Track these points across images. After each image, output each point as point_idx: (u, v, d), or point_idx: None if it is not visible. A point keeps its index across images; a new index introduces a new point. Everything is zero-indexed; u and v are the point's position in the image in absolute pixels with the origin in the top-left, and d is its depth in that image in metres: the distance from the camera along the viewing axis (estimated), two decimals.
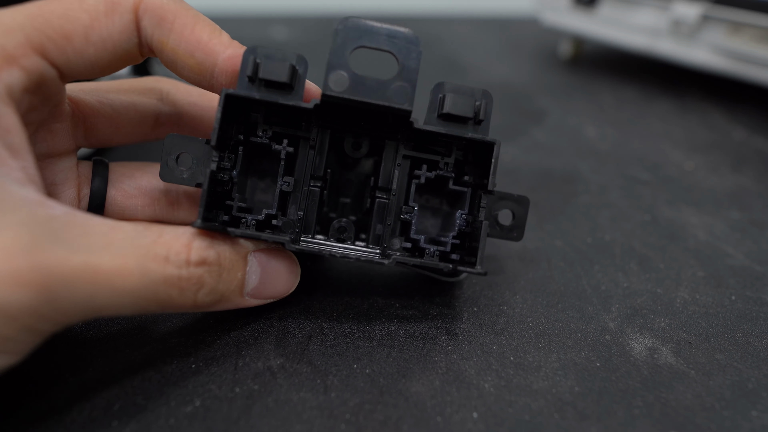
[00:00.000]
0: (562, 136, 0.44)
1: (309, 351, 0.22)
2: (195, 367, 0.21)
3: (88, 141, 0.23)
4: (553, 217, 0.33)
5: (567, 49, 0.63)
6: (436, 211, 0.25)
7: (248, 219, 0.21)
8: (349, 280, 0.26)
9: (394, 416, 0.19)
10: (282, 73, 0.20)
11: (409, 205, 0.23)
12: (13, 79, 0.17)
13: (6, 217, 0.15)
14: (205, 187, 0.19)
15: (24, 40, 0.18)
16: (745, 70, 0.46)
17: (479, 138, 0.21)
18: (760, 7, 0.44)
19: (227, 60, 0.20)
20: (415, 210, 0.23)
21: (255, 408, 0.19)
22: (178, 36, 0.20)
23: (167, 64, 0.21)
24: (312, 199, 0.23)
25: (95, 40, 0.19)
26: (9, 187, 0.16)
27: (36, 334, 0.16)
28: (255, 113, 0.22)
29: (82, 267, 0.16)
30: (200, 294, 0.19)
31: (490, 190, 0.21)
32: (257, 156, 0.23)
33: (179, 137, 0.21)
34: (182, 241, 0.18)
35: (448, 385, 0.20)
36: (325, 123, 0.23)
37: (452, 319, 0.24)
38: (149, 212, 0.24)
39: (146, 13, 0.20)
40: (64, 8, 0.18)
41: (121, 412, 0.19)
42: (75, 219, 0.17)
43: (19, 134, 0.17)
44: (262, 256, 0.21)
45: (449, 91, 0.21)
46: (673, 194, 0.36)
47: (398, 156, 0.23)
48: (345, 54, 0.20)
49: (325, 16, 0.77)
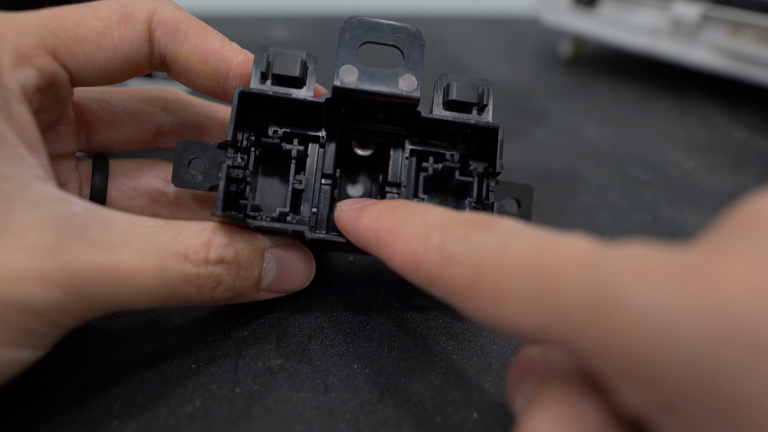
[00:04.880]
0: (562, 136, 0.44)
1: (309, 351, 0.22)
2: (195, 367, 0.21)
3: (89, 145, 0.23)
4: (553, 217, 0.33)
5: (567, 49, 0.63)
6: (443, 205, 0.25)
7: (263, 216, 0.21)
8: (349, 280, 0.26)
9: (394, 416, 0.19)
10: (294, 68, 0.21)
11: (419, 197, 0.23)
12: (27, 77, 0.18)
13: (30, 214, 0.16)
14: (223, 178, 0.20)
15: (38, 41, 0.18)
16: (745, 70, 0.46)
17: (484, 124, 0.22)
18: (760, 7, 0.44)
19: (240, 64, 0.21)
20: (425, 202, 0.23)
21: (255, 408, 0.19)
22: (192, 45, 0.21)
23: (178, 75, 0.22)
24: (324, 197, 0.23)
25: (107, 47, 0.19)
26: (32, 184, 0.16)
27: (60, 328, 0.17)
28: (265, 116, 0.23)
29: (105, 265, 0.16)
30: (218, 291, 0.19)
31: (498, 171, 0.22)
32: (267, 158, 0.24)
33: (190, 143, 0.22)
34: (201, 239, 0.18)
35: (448, 385, 0.21)
36: (334, 122, 0.23)
37: (452, 319, 0.24)
38: (148, 213, 0.24)
39: (160, 25, 0.20)
40: (78, 14, 0.19)
41: (121, 412, 0.19)
42: (96, 215, 0.17)
43: (35, 132, 0.18)
44: (278, 252, 0.21)
45: (453, 80, 0.22)
46: (673, 194, 0.36)
47: (405, 150, 0.24)
48: (353, 49, 0.20)
49: (325, 16, 0.77)
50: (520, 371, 0.16)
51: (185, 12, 0.21)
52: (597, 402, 0.13)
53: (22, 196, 0.16)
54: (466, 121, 0.22)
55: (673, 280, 0.10)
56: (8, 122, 0.17)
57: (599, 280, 0.11)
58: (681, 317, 0.10)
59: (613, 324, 0.11)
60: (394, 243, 0.16)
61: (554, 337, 0.12)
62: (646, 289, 0.10)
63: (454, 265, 0.14)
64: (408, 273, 0.16)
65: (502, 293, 0.13)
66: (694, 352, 0.10)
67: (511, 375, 0.16)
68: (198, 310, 0.23)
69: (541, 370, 0.15)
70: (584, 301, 0.11)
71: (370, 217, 0.18)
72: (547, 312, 0.12)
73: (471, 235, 0.14)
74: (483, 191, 0.23)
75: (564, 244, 0.13)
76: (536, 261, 0.13)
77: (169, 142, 0.25)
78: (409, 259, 0.16)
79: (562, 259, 0.12)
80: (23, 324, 0.15)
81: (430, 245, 0.15)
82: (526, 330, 0.13)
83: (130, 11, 0.20)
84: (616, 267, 0.11)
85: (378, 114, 0.23)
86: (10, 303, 0.15)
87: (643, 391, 0.11)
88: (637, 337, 0.10)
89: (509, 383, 0.16)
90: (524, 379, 0.15)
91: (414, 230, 0.16)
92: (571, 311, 0.11)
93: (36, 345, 0.16)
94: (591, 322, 0.11)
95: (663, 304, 0.10)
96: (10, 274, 0.15)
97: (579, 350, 0.12)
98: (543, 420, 0.13)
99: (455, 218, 0.16)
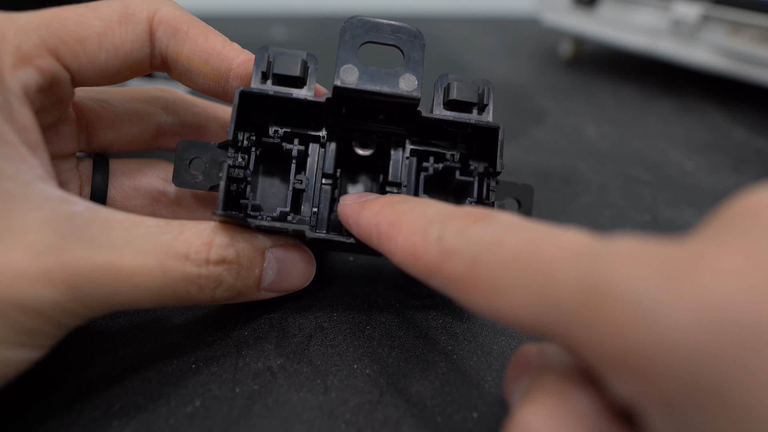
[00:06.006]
0: (562, 136, 0.44)
1: (309, 351, 0.22)
2: (195, 367, 0.21)
3: (90, 145, 0.23)
4: (553, 217, 0.33)
5: (567, 49, 0.63)
6: None
7: (263, 216, 0.21)
8: (349, 280, 0.26)
9: (394, 416, 0.19)
10: (294, 67, 0.21)
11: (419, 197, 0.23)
12: (28, 78, 0.18)
13: (32, 214, 0.16)
14: (224, 177, 0.20)
15: (39, 41, 0.18)
16: (745, 70, 0.46)
17: (484, 123, 0.22)
18: (760, 7, 0.44)
19: (241, 64, 0.21)
20: None
21: (255, 408, 0.19)
22: (193, 45, 0.21)
23: (179, 75, 0.22)
24: (324, 197, 0.23)
25: (108, 47, 0.19)
26: (33, 184, 0.16)
27: (61, 328, 0.17)
28: (266, 116, 0.23)
29: (106, 265, 0.16)
30: (218, 291, 0.19)
31: (499, 171, 0.22)
32: (268, 158, 0.24)
33: (191, 142, 0.22)
34: (203, 239, 0.18)
35: (448, 385, 0.21)
36: (335, 122, 0.23)
37: (452, 319, 0.24)
38: (149, 213, 0.24)
39: (161, 25, 0.20)
40: (79, 15, 0.19)
41: (121, 412, 0.19)
42: (97, 215, 0.17)
43: (36, 132, 0.18)
44: (279, 252, 0.21)
45: (454, 80, 0.22)
46: (673, 194, 0.36)
47: (406, 150, 0.24)
48: (353, 49, 0.21)
49: (325, 16, 0.77)
50: (517, 368, 0.16)
51: (186, 12, 0.21)
52: (590, 394, 0.13)
53: (24, 196, 0.16)
54: (467, 121, 0.22)
55: (664, 272, 0.10)
56: (9, 122, 0.17)
57: (592, 272, 0.11)
58: (670, 309, 0.10)
59: (604, 316, 0.11)
60: (394, 236, 0.17)
61: (549, 328, 0.12)
62: (636, 281, 0.11)
63: (453, 257, 0.14)
64: (408, 266, 0.16)
65: (499, 285, 0.13)
66: (682, 342, 0.10)
67: (509, 372, 0.16)
68: (198, 310, 0.23)
69: (537, 366, 0.15)
70: (577, 293, 0.11)
71: (372, 211, 0.18)
72: (542, 304, 0.12)
73: (469, 228, 0.15)
74: (483, 191, 0.23)
75: (559, 237, 0.13)
76: (532, 253, 0.13)
77: (169, 142, 0.25)
78: (408, 251, 0.16)
79: (557, 251, 0.12)
80: (24, 324, 0.15)
81: (429, 238, 0.15)
82: (523, 321, 0.13)
83: (131, 11, 0.20)
84: (609, 260, 0.11)
85: (378, 114, 0.23)
86: (11, 303, 0.15)
87: (633, 382, 0.11)
88: (626, 328, 0.10)
89: (507, 380, 0.16)
90: (521, 375, 0.15)
91: (414, 224, 0.16)
92: (564, 303, 0.12)
93: (37, 345, 0.16)
94: (583, 314, 0.11)
95: (652, 295, 0.10)
96: (11, 274, 0.15)
97: (572, 341, 0.12)
98: (535, 411, 0.13)
99: (454, 212, 0.16)
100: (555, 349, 0.15)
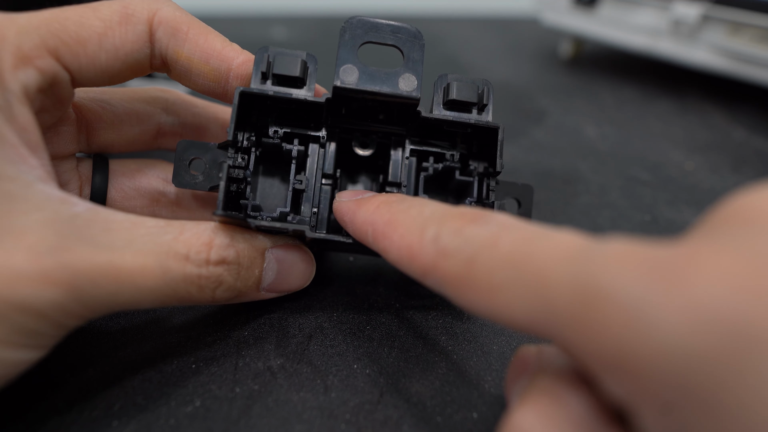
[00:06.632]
0: (562, 136, 0.44)
1: (309, 351, 0.22)
2: (195, 367, 0.21)
3: (89, 146, 0.23)
4: (554, 217, 0.33)
5: (567, 49, 0.63)
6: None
7: (263, 216, 0.21)
8: (349, 280, 0.26)
9: (394, 416, 0.19)
10: (294, 68, 0.21)
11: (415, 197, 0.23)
12: (28, 78, 0.18)
13: (32, 215, 0.16)
14: (224, 178, 0.20)
15: (39, 41, 0.18)
16: (745, 70, 0.46)
17: (484, 123, 0.22)
18: (760, 7, 0.44)
19: (241, 65, 0.21)
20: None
21: (255, 408, 0.19)
22: (193, 45, 0.21)
23: (179, 75, 0.22)
24: (324, 197, 0.23)
25: (108, 47, 0.19)
26: (33, 185, 0.17)
27: (62, 329, 0.17)
28: (265, 116, 0.23)
29: (106, 265, 0.16)
30: (218, 291, 0.19)
31: (498, 171, 0.22)
32: (268, 158, 0.24)
33: (191, 143, 0.22)
34: (203, 239, 0.18)
35: (448, 385, 0.21)
36: (334, 122, 0.23)
37: (452, 319, 0.24)
38: (149, 213, 0.24)
39: (161, 25, 0.20)
40: (79, 15, 0.19)
41: (121, 412, 0.19)
42: (97, 215, 0.17)
43: (36, 133, 0.18)
44: (279, 252, 0.21)
45: (453, 80, 0.22)
46: (673, 194, 0.36)
47: (406, 150, 0.24)
48: (353, 49, 0.21)
49: (325, 16, 0.77)
50: (516, 369, 0.16)
51: (186, 13, 0.21)
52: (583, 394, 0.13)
53: (24, 197, 0.16)
54: (467, 121, 0.22)
55: (655, 273, 0.11)
56: (9, 123, 0.17)
57: (584, 273, 0.11)
58: (660, 310, 0.10)
59: (596, 317, 0.11)
60: (390, 235, 0.17)
61: (543, 328, 0.12)
62: (627, 282, 0.11)
63: (448, 257, 0.14)
64: (403, 265, 0.16)
65: (494, 285, 0.13)
66: (671, 344, 0.10)
67: (509, 373, 0.16)
68: (198, 310, 0.23)
69: (534, 366, 0.15)
70: (569, 293, 0.11)
71: (368, 209, 0.18)
72: (536, 304, 0.12)
73: (465, 229, 0.15)
74: (483, 191, 0.23)
75: (553, 238, 0.13)
76: (526, 254, 0.13)
77: (169, 143, 0.25)
78: (404, 251, 0.16)
79: (551, 252, 0.12)
80: (25, 324, 0.15)
81: (425, 238, 0.15)
82: (517, 321, 0.13)
83: (131, 12, 0.20)
84: (601, 261, 0.11)
85: (378, 114, 0.23)
86: (12, 303, 0.15)
87: (624, 383, 0.11)
88: (617, 330, 0.11)
89: (507, 381, 0.16)
90: (520, 376, 0.15)
91: (410, 223, 0.16)
92: (557, 303, 0.12)
93: (38, 345, 0.16)
94: (575, 315, 0.11)
95: (643, 297, 0.10)
96: (12, 275, 0.15)
97: (565, 341, 0.12)
98: (528, 412, 0.13)
99: (450, 212, 0.16)
100: (553, 350, 0.15)
